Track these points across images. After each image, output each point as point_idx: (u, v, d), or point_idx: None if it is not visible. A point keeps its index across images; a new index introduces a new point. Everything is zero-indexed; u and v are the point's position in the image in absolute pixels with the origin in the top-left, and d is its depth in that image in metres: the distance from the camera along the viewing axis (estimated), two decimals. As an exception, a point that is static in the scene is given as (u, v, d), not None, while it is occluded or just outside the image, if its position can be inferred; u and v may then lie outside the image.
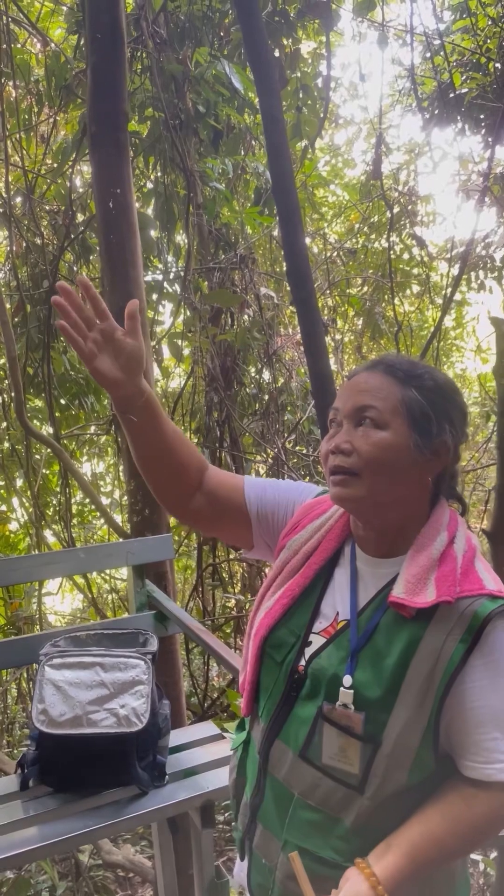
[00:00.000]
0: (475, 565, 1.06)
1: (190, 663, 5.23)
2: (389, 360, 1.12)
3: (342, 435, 1.09)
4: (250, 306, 4.98)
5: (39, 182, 4.83)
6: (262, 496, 1.29)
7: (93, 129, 2.84)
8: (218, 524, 1.33)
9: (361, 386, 1.09)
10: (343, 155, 7.00)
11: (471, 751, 1.01)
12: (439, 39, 4.46)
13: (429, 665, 1.00)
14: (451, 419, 1.09)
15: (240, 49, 4.21)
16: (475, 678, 1.00)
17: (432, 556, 1.05)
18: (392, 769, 1.02)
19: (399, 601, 1.02)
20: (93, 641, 2.08)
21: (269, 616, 1.17)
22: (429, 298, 6.67)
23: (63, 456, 3.92)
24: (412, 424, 1.06)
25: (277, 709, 1.14)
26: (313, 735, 1.09)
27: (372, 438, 1.05)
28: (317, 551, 1.19)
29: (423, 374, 1.09)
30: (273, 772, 1.15)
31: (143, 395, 1.16)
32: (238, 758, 1.28)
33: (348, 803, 1.06)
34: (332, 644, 1.11)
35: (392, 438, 1.05)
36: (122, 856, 3.43)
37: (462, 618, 1.00)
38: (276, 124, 2.24)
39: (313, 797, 1.09)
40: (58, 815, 1.80)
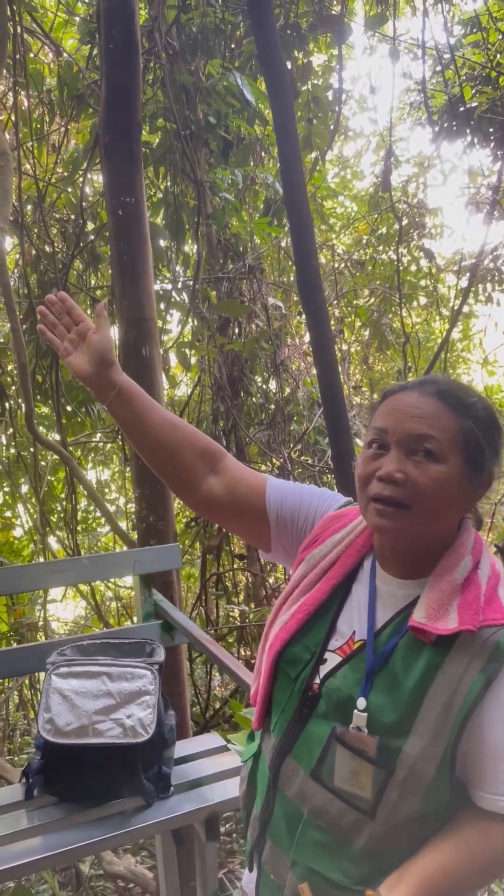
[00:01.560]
0: (499, 592, 1.03)
1: (192, 673, 5.21)
2: (442, 383, 1.07)
3: (393, 463, 1.03)
4: (258, 316, 4.99)
5: (50, 191, 4.85)
6: (282, 501, 1.27)
7: (106, 138, 2.86)
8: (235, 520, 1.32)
9: (416, 411, 1.03)
10: (352, 167, 7.03)
11: (487, 782, 0.99)
12: (450, 53, 4.48)
13: (447, 694, 0.98)
14: (497, 449, 1.06)
15: (251, 61, 4.24)
16: (494, 709, 0.97)
17: (455, 581, 1.02)
18: (405, 796, 1.00)
19: (420, 626, 0.99)
20: (99, 651, 2.07)
21: (285, 630, 1.15)
22: (436, 310, 6.67)
23: (71, 463, 3.93)
24: (467, 458, 1.03)
25: (290, 725, 1.12)
26: (326, 756, 1.07)
27: (430, 472, 1.01)
28: (335, 566, 1.16)
29: (476, 402, 1.05)
30: (283, 788, 1.13)
31: (114, 387, 1.27)
32: (249, 769, 1.26)
33: (359, 827, 1.04)
34: (348, 664, 1.08)
35: (449, 473, 1.01)
36: (124, 866, 3.40)
37: (484, 647, 0.97)
38: (289, 136, 2.25)
39: (323, 818, 1.07)
40: (62, 826, 1.78)
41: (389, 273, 6.19)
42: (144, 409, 1.28)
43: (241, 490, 1.28)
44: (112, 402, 1.28)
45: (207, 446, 1.30)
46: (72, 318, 1.30)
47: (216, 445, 1.32)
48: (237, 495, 1.28)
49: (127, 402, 1.27)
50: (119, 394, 1.27)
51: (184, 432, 1.29)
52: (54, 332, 1.32)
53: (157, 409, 1.29)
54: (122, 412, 1.28)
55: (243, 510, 1.28)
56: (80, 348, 1.29)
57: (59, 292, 1.32)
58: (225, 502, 1.28)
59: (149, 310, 2.88)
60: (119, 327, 2.91)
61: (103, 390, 1.27)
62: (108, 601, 6.41)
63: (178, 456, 1.28)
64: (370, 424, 1.10)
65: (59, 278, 4.39)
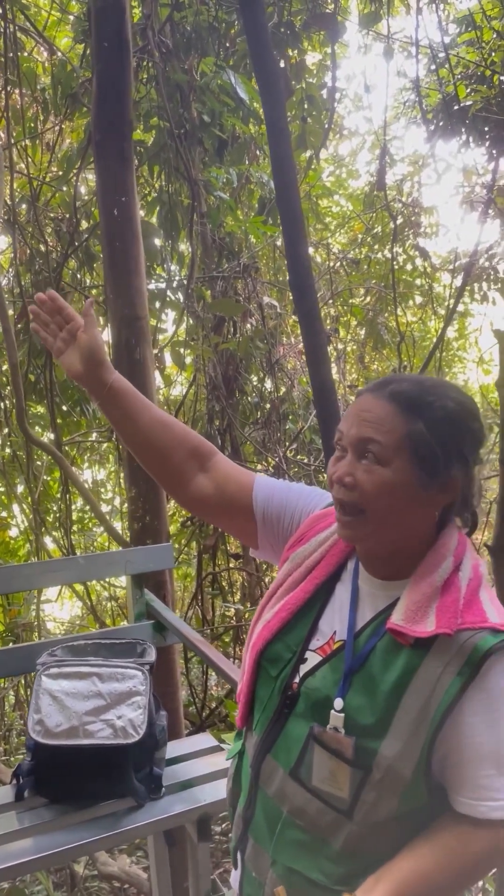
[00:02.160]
0: (480, 595, 1.02)
1: (188, 672, 5.20)
2: (398, 383, 1.04)
3: (345, 466, 1.04)
4: (253, 315, 4.98)
5: (44, 189, 4.84)
6: (269, 499, 1.27)
7: (97, 136, 2.85)
8: (221, 515, 1.33)
9: (365, 414, 1.03)
10: (347, 166, 7.02)
11: (465, 787, 0.98)
12: (444, 52, 4.47)
13: (424, 696, 0.97)
14: (460, 453, 1.02)
15: (245, 59, 4.23)
16: (472, 713, 0.96)
17: (435, 583, 1.01)
18: (382, 797, 1.00)
19: (397, 628, 0.99)
20: (90, 651, 2.06)
21: (267, 629, 1.16)
22: (431, 309, 6.67)
23: (63, 463, 3.91)
24: (417, 462, 1.00)
25: (270, 724, 1.13)
26: (304, 756, 1.07)
27: (374, 476, 1.01)
28: (319, 566, 1.16)
29: (433, 401, 1.01)
30: (264, 787, 1.14)
31: (105, 385, 1.27)
32: (234, 767, 1.27)
33: (337, 827, 1.04)
34: (327, 664, 1.08)
35: (394, 477, 1.00)
36: (118, 867, 3.40)
37: (461, 650, 0.96)
38: (281, 134, 2.24)
39: (302, 818, 1.07)
40: (53, 827, 1.78)
41: (385, 272, 6.19)
42: (136, 408, 1.28)
43: (229, 488, 1.29)
44: (104, 400, 1.29)
45: (198, 445, 1.31)
46: (62, 317, 1.31)
47: (207, 444, 1.32)
48: (226, 493, 1.29)
49: (119, 401, 1.28)
50: (111, 392, 1.28)
51: (175, 431, 1.29)
52: (47, 330, 1.33)
53: (149, 408, 1.30)
54: (113, 411, 1.29)
55: (231, 508, 1.28)
56: (72, 347, 1.30)
57: (49, 291, 1.33)
58: (214, 500, 1.29)
59: (141, 309, 2.87)
60: (111, 326, 2.91)
61: (95, 388, 1.28)
62: (105, 601, 6.41)
63: (169, 455, 1.28)
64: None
65: (54, 277, 4.38)
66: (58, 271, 4.39)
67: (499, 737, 0.96)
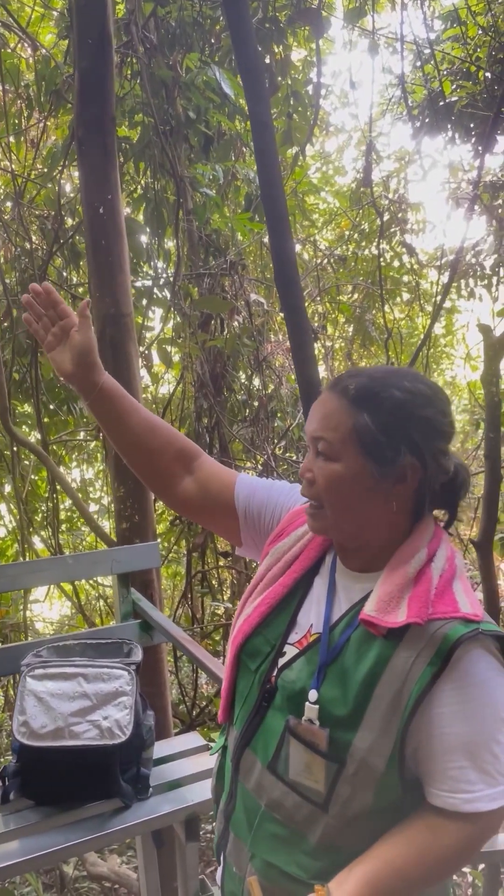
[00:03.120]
0: (453, 586, 1.02)
1: (178, 671, 5.20)
2: (352, 378, 1.05)
3: (306, 462, 1.08)
4: (240, 312, 4.97)
5: (29, 187, 4.81)
6: (251, 496, 1.29)
7: (80, 133, 2.83)
8: (206, 515, 1.35)
9: (316, 412, 1.06)
10: (334, 162, 7.02)
11: (437, 778, 0.98)
12: (429, 48, 4.47)
13: (396, 686, 0.97)
14: (410, 440, 1.01)
15: (230, 55, 4.21)
16: (443, 704, 0.96)
17: (408, 574, 1.01)
18: (357, 790, 1.00)
19: (369, 619, 0.99)
20: (76, 651, 2.04)
21: (247, 623, 1.16)
22: (419, 306, 6.68)
23: (49, 463, 3.89)
24: (365, 454, 1.01)
25: (250, 718, 1.13)
26: (281, 749, 1.07)
27: (325, 471, 1.04)
28: (298, 560, 1.17)
29: (382, 391, 1.02)
30: (243, 781, 1.14)
31: (96, 387, 1.27)
32: (218, 763, 1.27)
33: (314, 820, 1.04)
34: (303, 657, 1.09)
35: (343, 471, 1.02)
36: (108, 868, 3.39)
37: (432, 640, 0.96)
38: (265, 129, 2.22)
39: (279, 811, 1.07)
40: (39, 829, 1.76)
41: (372, 269, 6.19)
42: (125, 410, 1.29)
43: (213, 487, 1.31)
44: (93, 401, 1.29)
45: (185, 447, 1.32)
46: (57, 313, 1.30)
47: (193, 446, 1.34)
48: (209, 492, 1.30)
49: (108, 403, 1.29)
50: (100, 394, 1.28)
51: (163, 434, 1.31)
52: (39, 323, 1.31)
53: (137, 410, 1.31)
54: (102, 412, 1.30)
55: (215, 506, 1.30)
56: (63, 344, 1.29)
57: (45, 284, 1.31)
58: (199, 500, 1.31)
59: (126, 306, 2.85)
60: (96, 324, 2.88)
61: (85, 389, 1.28)
62: (94, 600, 6.38)
63: (157, 457, 1.30)
64: None
65: (39, 275, 4.34)
66: (43, 269, 4.36)
67: (470, 728, 0.96)
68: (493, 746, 0.96)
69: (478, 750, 0.95)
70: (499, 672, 0.98)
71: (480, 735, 0.95)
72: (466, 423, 6.87)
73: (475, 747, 0.95)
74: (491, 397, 1.93)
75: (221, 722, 1.25)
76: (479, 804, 0.95)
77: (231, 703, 1.21)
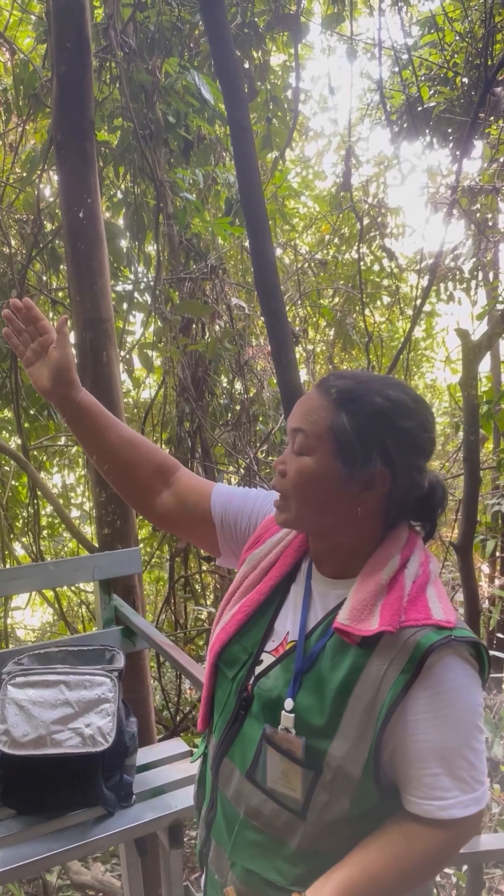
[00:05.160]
0: (426, 592, 1.02)
1: (161, 677, 5.17)
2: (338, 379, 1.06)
3: (283, 455, 1.09)
4: (221, 317, 4.97)
5: (8, 191, 4.78)
6: (227, 504, 1.29)
7: (59, 137, 2.81)
8: (184, 527, 1.36)
9: (300, 407, 1.07)
10: (313, 167, 7.04)
11: (412, 785, 0.98)
12: (407, 54, 4.50)
13: (370, 694, 0.97)
14: (384, 449, 1.01)
15: (209, 60, 4.21)
16: (417, 711, 0.96)
17: (381, 581, 1.01)
18: (334, 797, 1.00)
19: (343, 628, 0.99)
20: (58, 659, 2.03)
21: (224, 632, 1.16)
22: (399, 309, 6.72)
23: (29, 469, 3.86)
24: (337, 453, 1.01)
25: (227, 726, 1.13)
26: (259, 757, 1.07)
27: (296, 464, 1.04)
28: (274, 567, 1.17)
29: (364, 395, 1.01)
30: (223, 789, 1.14)
31: (73, 403, 1.27)
32: (199, 771, 1.27)
33: (292, 828, 1.04)
34: (280, 665, 1.09)
35: (314, 466, 1.02)
36: (91, 876, 3.36)
37: (404, 648, 0.96)
38: (244, 133, 2.23)
39: (258, 819, 1.07)
40: (21, 839, 1.74)
41: (352, 273, 6.22)
42: (104, 426, 1.29)
43: (189, 498, 1.31)
44: (70, 418, 1.29)
45: (163, 462, 1.33)
46: (37, 329, 1.30)
47: (171, 460, 1.35)
48: (186, 504, 1.31)
49: (86, 420, 1.29)
50: (78, 411, 1.28)
51: (142, 449, 1.31)
52: (19, 338, 1.31)
53: (116, 426, 1.31)
54: (81, 429, 1.30)
55: (192, 517, 1.31)
56: (42, 360, 1.29)
57: (26, 299, 1.31)
58: (176, 512, 1.32)
59: (106, 311, 2.84)
60: (76, 329, 2.87)
61: (62, 406, 1.28)
62: (76, 606, 6.34)
63: (135, 473, 1.31)
64: None
65: (18, 280, 4.32)
66: (22, 273, 4.33)
67: (444, 735, 0.96)
68: (467, 753, 0.96)
69: (452, 757, 0.96)
70: (472, 678, 0.98)
71: (454, 742, 0.96)
72: (447, 425, 6.92)
73: (449, 754, 0.96)
74: (470, 401, 1.94)
75: (201, 730, 1.25)
76: (454, 811, 0.95)
77: (210, 712, 1.21)
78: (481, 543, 5.35)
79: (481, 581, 5.97)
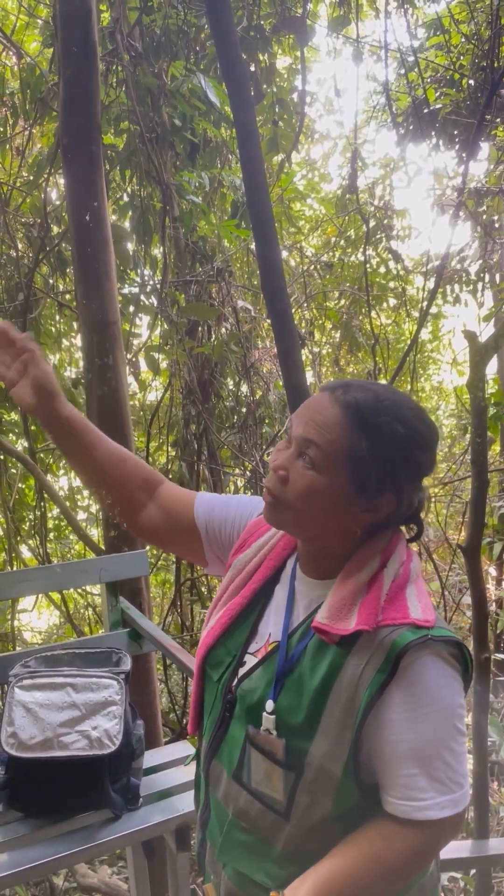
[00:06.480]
0: (406, 591, 1.01)
1: (168, 679, 5.17)
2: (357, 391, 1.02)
3: (284, 458, 1.05)
4: (227, 319, 4.97)
5: (14, 195, 4.80)
6: (210, 512, 1.29)
7: (66, 141, 2.82)
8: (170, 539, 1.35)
9: (315, 415, 1.02)
10: (319, 169, 7.05)
11: (389, 785, 0.98)
12: (413, 56, 4.50)
13: (348, 694, 0.97)
14: (397, 481, 1.01)
15: (215, 63, 4.22)
16: (393, 711, 0.96)
17: (360, 581, 1.01)
18: (316, 798, 1.00)
19: (322, 627, 0.99)
20: (65, 661, 2.03)
21: (210, 636, 1.17)
22: (405, 311, 6.71)
23: (36, 471, 3.87)
24: (351, 478, 1.00)
25: (215, 728, 1.14)
26: (244, 758, 1.07)
27: (304, 478, 1.01)
28: (259, 570, 1.18)
29: (385, 422, 0.99)
30: (213, 790, 1.15)
31: (59, 419, 1.23)
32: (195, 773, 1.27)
33: (277, 829, 1.04)
34: (262, 666, 1.09)
35: (325, 485, 1.00)
36: (98, 879, 3.36)
37: (381, 647, 0.96)
38: (251, 136, 2.22)
39: (246, 819, 1.08)
40: (28, 842, 1.74)
41: (358, 275, 6.21)
42: (90, 442, 1.27)
43: (174, 509, 1.30)
44: (58, 434, 1.26)
45: (149, 476, 1.32)
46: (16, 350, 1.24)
47: (156, 474, 1.34)
48: (171, 515, 1.30)
49: (73, 436, 1.26)
50: (64, 427, 1.25)
51: (128, 465, 1.30)
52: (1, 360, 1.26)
53: (102, 442, 1.28)
54: (67, 445, 1.28)
55: (177, 528, 1.30)
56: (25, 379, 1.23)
57: (3, 323, 1.26)
58: (162, 525, 1.31)
59: (112, 313, 2.85)
60: (83, 332, 2.88)
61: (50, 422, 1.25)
62: (82, 609, 6.35)
63: (121, 488, 1.30)
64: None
65: (25, 283, 4.33)
66: (29, 276, 4.34)
67: (421, 735, 0.95)
68: (445, 753, 0.96)
69: (428, 757, 0.95)
70: (450, 677, 0.97)
71: (431, 742, 0.96)
72: (453, 427, 6.91)
73: (426, 755, 0.95)
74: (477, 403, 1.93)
75: (191, 733, 1.26)
76: (430, 812, 0.95)
77: (200, 714, 1.22)
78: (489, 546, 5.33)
79: (489, 584, 5.96)
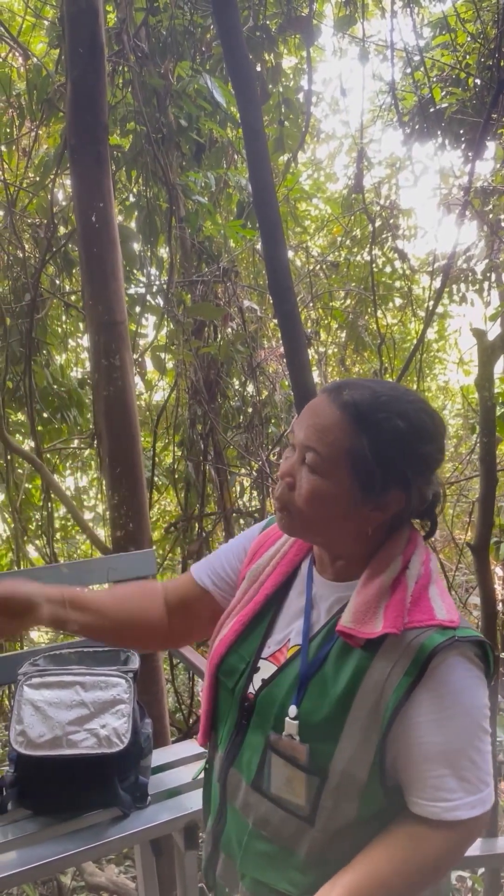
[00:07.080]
0: (428, 592, 1.01)
1: (175, 679, 5.17)
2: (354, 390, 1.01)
3: (288, 465, 1.05)
4: (233, 319, 4.97)
5: (21, 195, 4.81)
6: (209, 569, 1.29)
7: (73, 142, 2.83)
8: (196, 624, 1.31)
9: (313, 419, 1.02)
10: (325, 169, 7.04)
11: (417, 787, 0.97)
12: (419, 55, 4.50)
13: (374, 697, 0.96)
14: (403, 476, 1.00)
15: (221, 63, 4.23)
16: (421, 713, 0.95)
17: (384, 583, 1.00)
18: (341, 802, 0.99)
19: (347, 630, 0.98)
20: (73, 660, 2.03)
21: (222, 644, 1.16)
22: (411, 311, 6.70)
23: (44, 471, 3.88)
24: (354, 478, 0.99)
25: (232, 737, 1.12)
26: (263, 765, 1.06)
27: (308, 483, 1.01)
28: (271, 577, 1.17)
29: (384, 418, 0.99)
30: (230, 800, 1.13)
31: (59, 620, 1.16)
32: (204, 784, 1.26)
33: (300, 835, 1.03)
34: (282, 672, 1.08)
35: (328, 489, 1.00)
36: (106, 877, 3.36)
37: (408, 650, 0.96)
38: (257, 135, 2.23)
39: (267, 828, 1.06)
40: (37, 839, 1.75)
41: (364, 275, 6.21)
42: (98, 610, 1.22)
43: (182, 596, 1.30)
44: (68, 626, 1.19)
45: (154, 596, 1.30)
46: None
47: (156, 585, 1.32)
48: (183, 603, 1.29)
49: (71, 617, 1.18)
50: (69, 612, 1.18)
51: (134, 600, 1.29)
52: None
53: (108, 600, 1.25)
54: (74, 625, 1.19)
55: (194, 609, 1.29)
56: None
57: None
58: (182, 619, 1.29)
59: (119, 314, 2.86)
60: (90, 332, 2.89)
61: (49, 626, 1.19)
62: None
63: (138, 623, 1.28)
64: None
65: (32, 283, 4.34)
66: (36, 277, 4.35)
67: (449, 736, 0.95)
68: (472, 753, 0.96)
69: (457, 758, 0.95)
70: (476, 678, 0.98)
71: (459, 743, 0.95)
72: (460, 427, 6.89)
73: (454, 755, 0.95)
74: (485, 401, 1.93)
75: (201, 744, 1.24)
76: (460, 812, 0.95)
77: (212, 725, 1.20)
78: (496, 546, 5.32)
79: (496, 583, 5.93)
